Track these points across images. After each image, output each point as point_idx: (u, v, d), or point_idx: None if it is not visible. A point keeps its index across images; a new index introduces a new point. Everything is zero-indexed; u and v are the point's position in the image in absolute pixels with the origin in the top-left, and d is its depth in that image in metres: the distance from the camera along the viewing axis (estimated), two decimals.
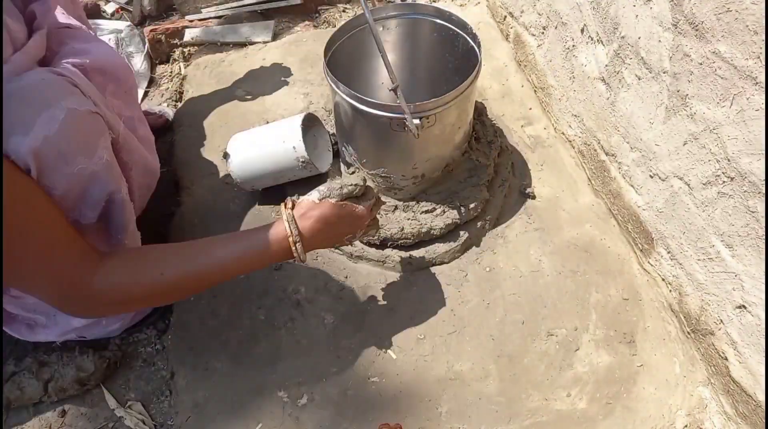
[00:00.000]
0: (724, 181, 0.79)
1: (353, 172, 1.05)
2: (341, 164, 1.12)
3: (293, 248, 0.79)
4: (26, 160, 0.66)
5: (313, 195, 0.83)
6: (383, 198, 1.05)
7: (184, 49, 1.57)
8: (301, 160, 1.05)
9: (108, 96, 0.87)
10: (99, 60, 0.86)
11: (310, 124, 1.14)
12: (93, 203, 0.77)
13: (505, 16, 1.46)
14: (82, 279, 0.70)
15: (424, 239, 1.06)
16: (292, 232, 0.79)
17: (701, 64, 0.78)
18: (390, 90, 0.84)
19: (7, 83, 0.69)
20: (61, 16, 0.88)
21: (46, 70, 0.74)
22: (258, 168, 1.08)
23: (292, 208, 0.82)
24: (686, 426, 0.89)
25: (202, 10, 1.65)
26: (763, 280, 0.75)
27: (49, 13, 0.86)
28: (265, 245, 0.79)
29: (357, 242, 1.06)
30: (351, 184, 0.83)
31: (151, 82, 1.52)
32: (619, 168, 1.07)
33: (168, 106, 1.42)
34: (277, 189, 1.14)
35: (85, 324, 0.91)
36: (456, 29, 1.04)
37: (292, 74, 1.43)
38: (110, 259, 0.73)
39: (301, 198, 0.84)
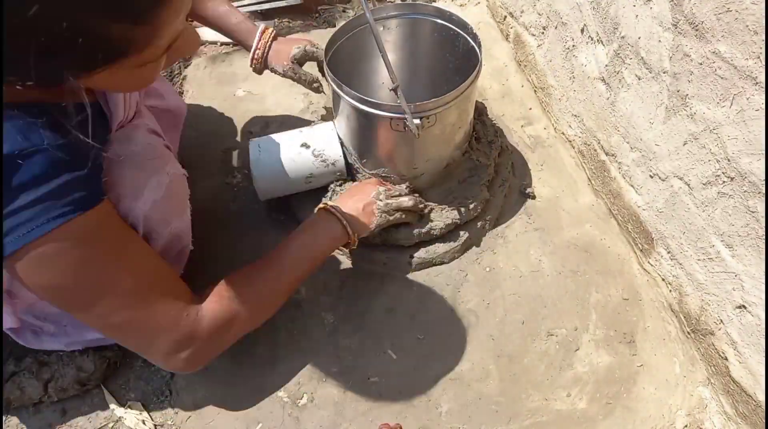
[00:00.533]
0: (724, 181, 0.79)
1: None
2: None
3: (353, 239, 0.93)
4: (136, 223, 0.72)
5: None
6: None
7: None
8: (337, 173, 1.06)
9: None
10: (170, 103, 0.98)
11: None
12: (171, 258, 0.84)
13: (505, 16, 1.46)
14: (191, 322, 0.75)
15: (424, 239, 1.06)
16: (350, 233, 0.92)
17: (701, 64, 0.78)
18: (390, 90, 0.84)
19: (118, 144, 0.73)
20: None
21: (147, 131, 0.79)
22: (288, 186, 1.07)
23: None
24: (686, 426, 0.89)
25: None
26: (763, 280, 0.75)
27: None
28: (329, 244, 0.92)
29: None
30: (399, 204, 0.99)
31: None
32: (619, 168, 1.07)
33: None
34: None
35: (98, 337, 0.91)
36: (456, 29, 1.04)
37: None
38: (210, 295, 0.80)
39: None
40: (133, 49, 0.54)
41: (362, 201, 0.97)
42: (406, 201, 1.00)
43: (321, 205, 0.94)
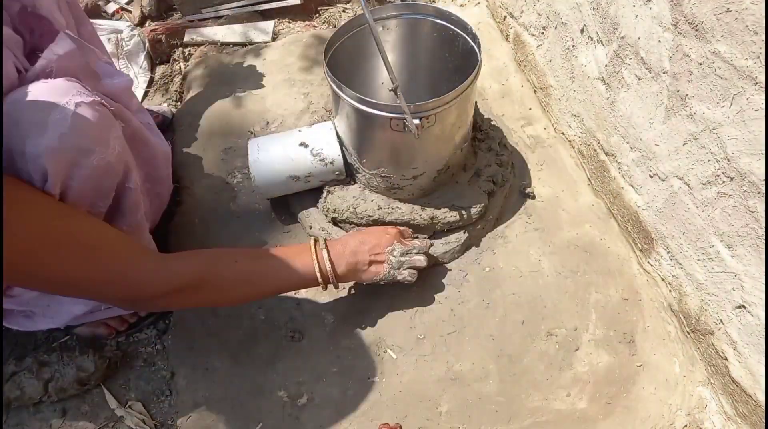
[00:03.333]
0: (723, 181, 0.79)
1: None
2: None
3: (331, 281, 0.90)
4: (47, 160, 0.67)
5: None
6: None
7: (184, 49, 1.57)
8: (336, 172, 1.06)
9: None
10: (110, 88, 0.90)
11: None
12: (105, 194, 0.78)
13: (505, 17, 1.46)
14: (145, 275, 0.74)
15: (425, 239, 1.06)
16: (330, 274, 0.89)
17: (701, 64, 0.78)
18: (390, 90, 0.84)
19: (10, 95, 0.69)
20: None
21: (44, 80, 0.75)
22: (287, 186, 1.06)
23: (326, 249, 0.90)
24: (686, 426, 0.89)
25: (202, 10, 1.65)
26: (763, 280, 0.75)
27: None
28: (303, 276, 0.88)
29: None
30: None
31: (151, 82, 1.52)
32: (619, 168, 1.07)
33: (168, 106, 1.42)
34: None
35: (86, 311, 0.91)
36: (456, 29, 1.04)
37: (292, 74, 1.43)
38: (173, 257, 0.79)
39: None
40: None
41: (374, 249, 0.93)
42: (421, 260, 0.96)
43: (315, 240, 0.91)
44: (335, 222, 1.09)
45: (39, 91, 0.71)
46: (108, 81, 0.90)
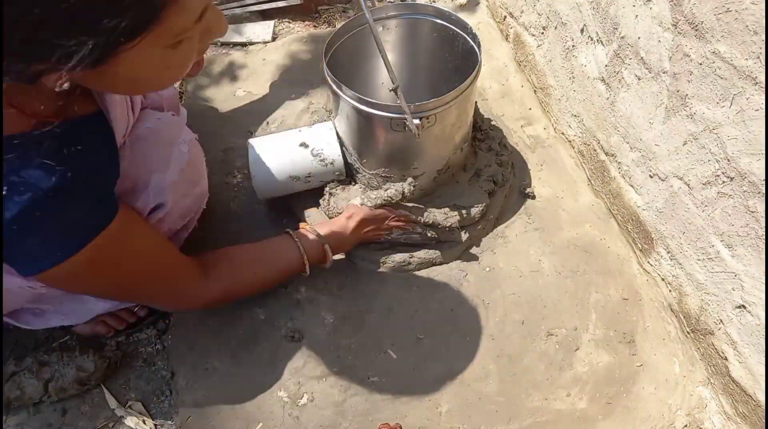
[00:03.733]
0: (723, 181, 0.79)
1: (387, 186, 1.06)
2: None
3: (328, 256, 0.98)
4: (164, 192, 0.77)
5: (356, 200, 1.03)
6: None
7: None
8: (336, 172, 1.06)
9: None
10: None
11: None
12: (194, 217, 0.92)
13: (505, 17, 1.46)
14: (197, 293, 0.85)
15: (425, 239, 1.06)
16: (328, 254, 0.97)
17: (701, 64, 0.78)
18: (390, 90, 0.84)
19: (137, 130, 0.79)
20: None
21: (157, 114, 0.84)
22: (287, 186, 1.07)
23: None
24: (686, 426, 0.89)
25: None
26: (763, 280, 0.75)
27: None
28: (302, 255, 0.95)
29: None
30: (386, 196, 1.00)
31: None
32: (619, 168, 1.07)
33: None
34: None
35: (103, 306, 0.94)
36: (456, 29, 1.04)
37: (292, 74, 1.43)
38: (213, 269, 0.86)
39: (350, 203, 1.03)
40: (162, 13, 0.47)
41: (363, 235, 1.02)
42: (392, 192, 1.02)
43: (302, 226, 1.00)
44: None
45: (158, 127, 0.80)
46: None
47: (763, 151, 0.70)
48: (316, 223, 1.02)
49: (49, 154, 0.58)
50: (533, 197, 1.16)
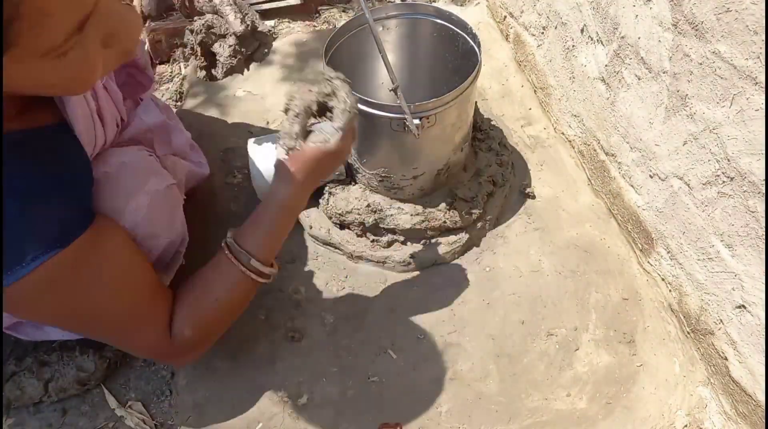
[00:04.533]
0: (723, 181, 0.79)
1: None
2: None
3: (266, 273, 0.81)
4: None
5: (278, 151, 0.78)
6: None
7: (184, 49, 1.57)
8: (336, 172, 1.06)
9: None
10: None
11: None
12: (161, 265, 0.83)
13: (505, 16, 1.46)
14: (167, 343, 0.77)
15: (425, 239, 1.06)
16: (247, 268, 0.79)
17: (701, 64, 0.78)
18: (390, 90, 0.84)
19: (111, 156, 0.75)
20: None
21: (138, 148, 0.81)
22: None
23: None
24: (686, 426, 0.89)
25: None
26: (763, 280, 0.75)
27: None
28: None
29: (359, 242, 1.06)
30: (297, 105, 0.75)
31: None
32: (619, 168, 1.07)
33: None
34: None
35: None
36: (456, 29, 1.04)
37: (292, 74, 1.43)
38: (175, 313, 0.78)
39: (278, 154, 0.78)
40: (14, 28, 0.45)
41: (326, 174, 0.86)
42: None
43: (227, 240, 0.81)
44: (342, 226, 1.08)
45: (120, 173, 0.74)
46: (175, 138, 0.99)
47: (763, 151, 0.70)
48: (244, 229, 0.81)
49: (11, 160, 0.57)
50: (533, 197, 1.16)
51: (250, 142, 1.06)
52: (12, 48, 0.47)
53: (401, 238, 1.06)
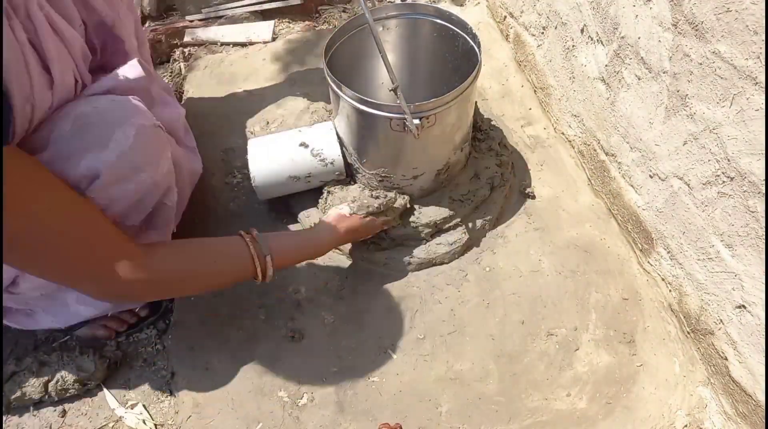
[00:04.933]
0: (723, 181, 0.79)
1: (377, 192, 1.04)
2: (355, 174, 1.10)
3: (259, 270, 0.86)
4: (97, 170, 0.71)
5: (344, 209, 0.99)
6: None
7: (184, 49, 1.57)
8: (336, 172, 1.06)
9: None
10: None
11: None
12: (143, 209, 0.81)
13: (505, 16, 1.46)
14: (133, 268, 0.73)
15: (425, 239, 1.06)
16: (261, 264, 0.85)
17: (701, 64, 0.78)
18: (390, 90, 0.84)
19: (79, 105, 0.74)
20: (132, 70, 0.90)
21: (112, 96, 0.79)
22: (287, 186, 1.06)
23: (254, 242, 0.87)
24: (686, 426, 0.89)
25: (202, 10, 1.65)
26: (763, 280, 0.75)
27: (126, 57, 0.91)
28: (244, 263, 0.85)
29: (358, 242, 1.07)
30: (376, 205, 1.00)
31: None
32: (619, 168, 1.07)
33: None
34: None
35: (95, 314, 0.91)
36: (456, 29, 1.04)
37: (292, 74, 1.43)
38: (162, 248, 0.79)
39: (334, 208, 1.01)
40: None
41: (352, 240, 1.01)
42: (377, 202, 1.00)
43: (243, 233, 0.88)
44: None
45: (107, 107, 0.75)
46: (162, 109, 0.96)
47: (763, 151, 0.70)
48: (280, 233, 0.97)
49: None
50: (533, 197, 1.16)
51: (250, 142, 1.06)
52: None
53: (401, 238, 1.06)
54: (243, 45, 1.55)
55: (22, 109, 0.67)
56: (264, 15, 1.65)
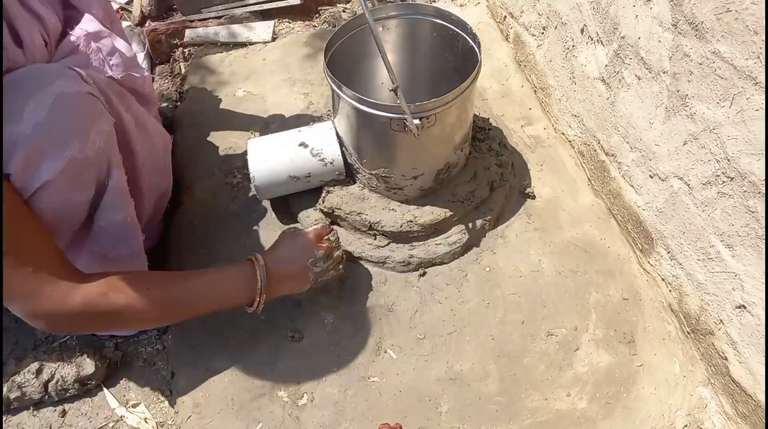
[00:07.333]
0: (723, 181, 0.79)
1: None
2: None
3: (257, 300, 0.87)
4: (17, 148, 0.65)
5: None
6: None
7: (184, 49, 1.57)
8: (336, 172, 1.06)
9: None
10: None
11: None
12: (84, 186, 0.75)
13: (505, 16, 1.46)
14: (60, 298, 0.69)
15: (424, 239, 1.06)
16: (262, 289, 0.86)
17: (701, 64, 0.78)
18: (390, 90, 0.84)
19: (11, 74, 0.68)
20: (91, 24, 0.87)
21: (38, 65, 0.74)
22: (286, 186, 1.06)
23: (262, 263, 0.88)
24: (686, 426, 0.89)
25: (202, 10, 1.65)
26: (763, 280, 0.75)
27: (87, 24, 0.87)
28: (234, 292, 0.86)
29: (359, 242, 1.06)
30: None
31: (151, 82, 1.52)
32: (619, 168, 1.07)
33: (168, 106, 1.42)
34: None
35: None
36: (456, 29, 1.04)
37: (292, 74, 1.43)
38: (97, 276, 0.73)
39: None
40: None
41: (297, 271, 0.91)
42: (339, 254, 0.98)
43: (252, 257, 0.89)
44: (333, 220, 1.09)
45: (24, 75, 0.69)
46: (128, 70, 0.90)
47: (763, 151, 0.70)
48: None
49: None
50: (533, 197, 1.16)
51: (250, 142, 1.06)
52: None
53: (392, 239, 1.06)
54: (243, 45, 1.55)
55: None
56: (264, 15, 1.65)
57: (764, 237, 0.73)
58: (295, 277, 0.91)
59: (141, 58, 1.50)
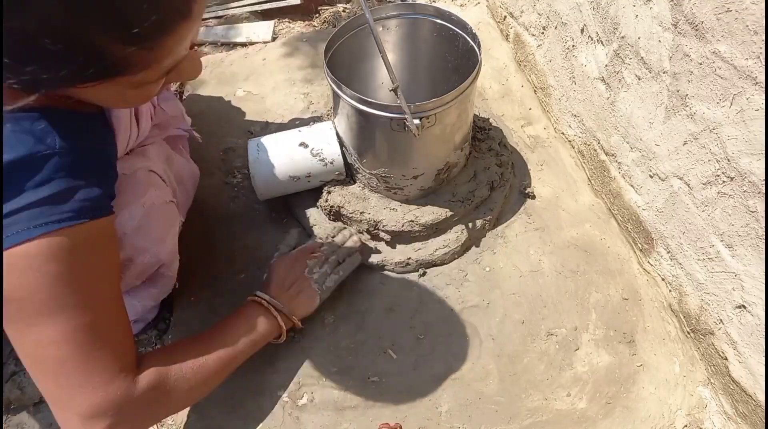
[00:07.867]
0: (724, 181, 0.79)
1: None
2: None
3: (279, 324, 0.89)
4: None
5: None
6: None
7: None
8: (336, 172, 1.06)
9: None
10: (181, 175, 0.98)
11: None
12: (140, 274, 0.81)
13: (505, 16, 1.46)
14: (126, 388, 0.66)
15: (424, 239, 1.06)
16: (281, 324, 0.89)
17: (701, 64, 0.78)
18: (390, 90, 0.84)
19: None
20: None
21: (141, 160, 0.81)
22: (286, 186, 1.06)
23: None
24: (686, 426, 0.89)
25: None
26: (763, 280, 0.75)
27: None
28: (263, 334, 0.87)
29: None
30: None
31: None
32: (619, 168, 1.07)
33: None
34: None
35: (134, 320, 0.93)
36: (456, 29, 1.04)
37: (292, 74, 1.43)
38: (147, 361, 0.71)
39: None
40: (130, 70, 0.52)
41: (298, 286, 0.92)
42: (338, 252, 0.98)
43: (250, 297, 0.90)
44: (335, 217, 1.08)
45: (122, 183, 0.71)
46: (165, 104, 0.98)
47: (763, 151, 0.70)
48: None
49: (46, 128, 0.58)
50: (533, 197, 1.16)
51: (250, 142, 1.06)
52: (114, 78, 0.53)
53: (393, 238, 1.06)
54: (243, 45, 1.55)
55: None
56: (264, 15, 1.65)
57: (764, 237, 0.73)
58: (299, 291, 0.92)
59: None
